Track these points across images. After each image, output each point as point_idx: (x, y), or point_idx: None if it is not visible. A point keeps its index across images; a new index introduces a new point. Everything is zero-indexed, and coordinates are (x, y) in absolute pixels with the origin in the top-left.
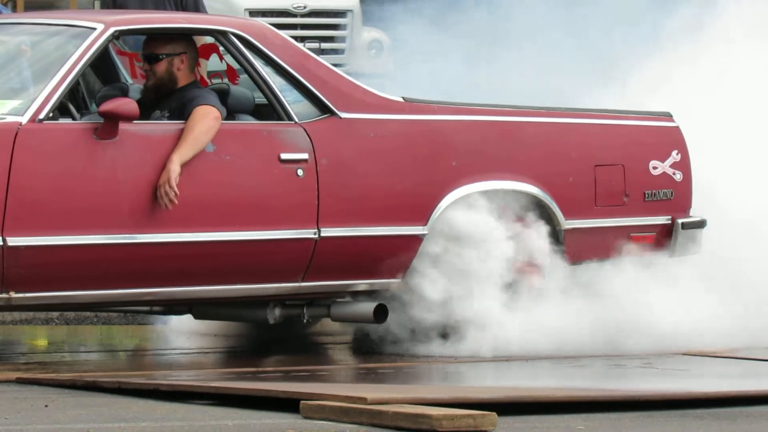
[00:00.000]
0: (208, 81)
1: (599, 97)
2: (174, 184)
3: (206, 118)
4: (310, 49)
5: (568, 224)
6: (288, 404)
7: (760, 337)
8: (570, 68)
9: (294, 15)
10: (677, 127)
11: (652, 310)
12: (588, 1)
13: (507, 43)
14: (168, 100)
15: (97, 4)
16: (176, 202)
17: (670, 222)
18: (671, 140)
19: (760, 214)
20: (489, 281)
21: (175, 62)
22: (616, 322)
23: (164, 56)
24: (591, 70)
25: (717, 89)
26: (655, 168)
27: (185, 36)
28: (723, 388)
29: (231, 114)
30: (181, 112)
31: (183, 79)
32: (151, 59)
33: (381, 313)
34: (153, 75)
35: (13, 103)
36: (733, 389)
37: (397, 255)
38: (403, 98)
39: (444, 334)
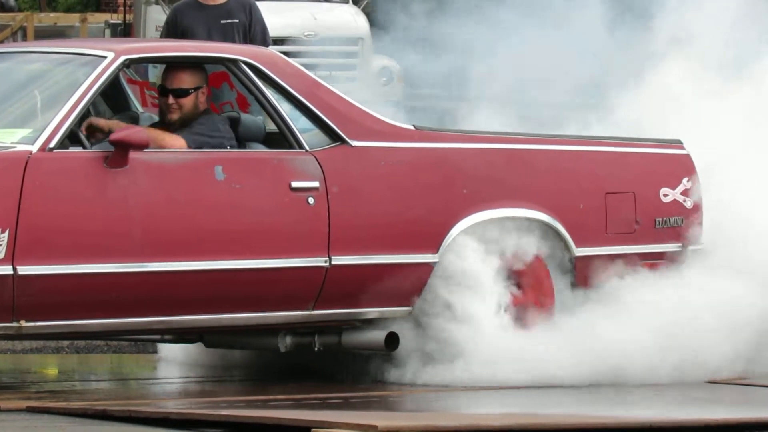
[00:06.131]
0: (217, 108)
1: (603, 124)
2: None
3: (175, 142)
4: (320, 77)
5: (579, 251)
6: None
7: None
8: (574, 94)
9: (305, 43)
10: (688, 155)
11: (671, 337)
12: (602, 26)
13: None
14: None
15: (107, 32)
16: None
17: (680, 249)
18: (682, 168)
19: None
20: (498, 309)
21: (199, 95)
22: (633, 348)
23: (192, 90)
24: (597, 95)
25: (723, 112)
26: (665, 195)
27: (202, 67)
28: (735, 415)
29: (241, 142)
30: (190, 135)
31: (201, 109)
32: (179, 94)
33: (392, 341)
34: (179, 109)
35: (24, 132)
36: (744, 416)
37: (408, 283)
38: (414, 126)
39: (454, 362)
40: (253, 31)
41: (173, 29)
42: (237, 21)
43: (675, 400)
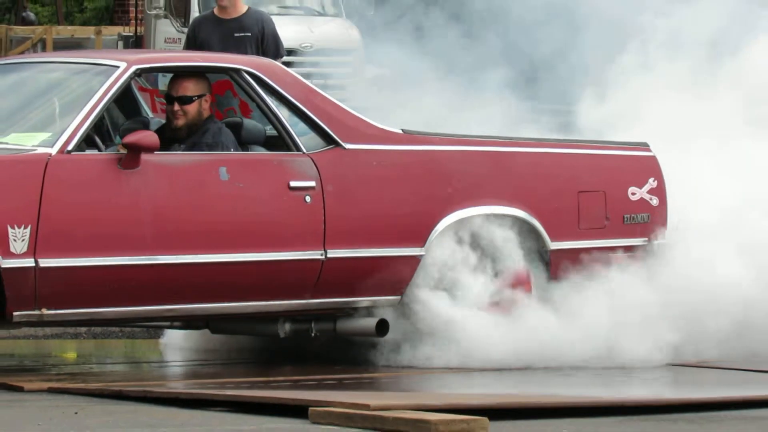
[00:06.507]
0: (221, 113)
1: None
2: None
3: None
4: (316, 85)
5: (553, 245)
6: (297, 411)
7: (728, 347)
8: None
9: (302, 54)
10: (654, 156)
11: (633, 324)
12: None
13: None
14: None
15: (120, 44)
16: None
17: (647, 243)
18: (648, 168)
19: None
20: (480, 299)
21: (202, 102)
22: (600, 334)
23: (196, 98)
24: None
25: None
26: (633, 194)
27: (205, 76)
28: (695, 395)
29: (244, 145)
30: (196, 143)
31: (205, 114)
32: (184, 101)
33: (382, 327)
34: (185, 115)
35: (43, 136)
36: (704, 396)
37: (397, 274)
38: (403, 130)
39: (439, 347)
40: (266, 44)
41: (192, 41)
42: (249, 35)
43: (642, 381)
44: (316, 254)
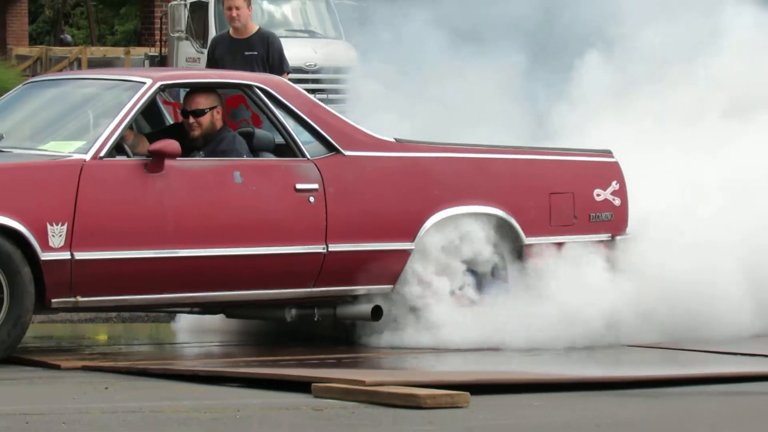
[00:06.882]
0: (236, 124)
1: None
2: None
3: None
4: (319, 99)
5: (528, 240)
6: (302, 386)
7: (678, 331)
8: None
9: (306, 71)
10: (616, 162)
11: (596, 309)
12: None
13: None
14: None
15: (147, 62)
16: None
17: (610, 238)
18: (612, 172)
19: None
20: (462, 287)
21: (214, 113)
22: (567, 317)
23: (208, 110)
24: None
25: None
26: (598, 195)
27: (215, 90)
28: (652, 372)
29: (255, 152)
30: (214, 150)
31: (219, 125)
32: (197, 114)
33: (377, 312)
34: (199, 126)
35: (79, 144)
36: (659, 373)
37: (389, 266)
38: (395, 139)
39: (426, 330)
40: (272, 60)
41: (211, 57)
42: (256, 53)
43: (603, 360)
44: (318, 248)
